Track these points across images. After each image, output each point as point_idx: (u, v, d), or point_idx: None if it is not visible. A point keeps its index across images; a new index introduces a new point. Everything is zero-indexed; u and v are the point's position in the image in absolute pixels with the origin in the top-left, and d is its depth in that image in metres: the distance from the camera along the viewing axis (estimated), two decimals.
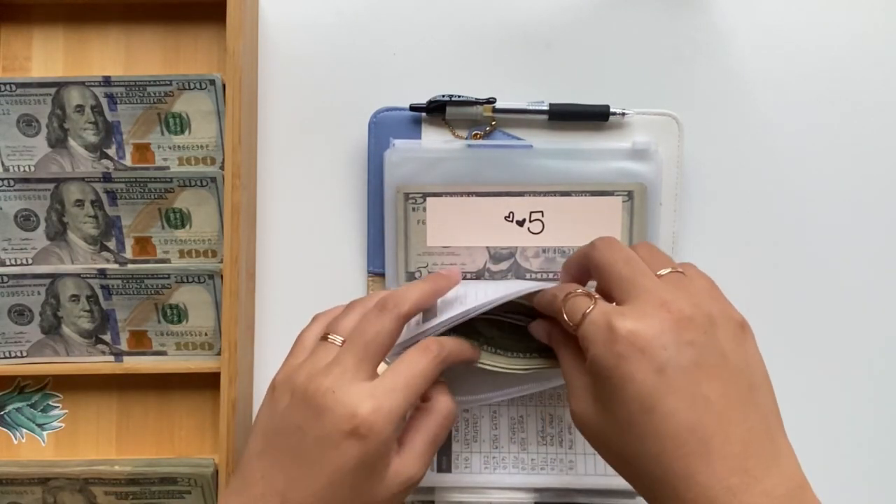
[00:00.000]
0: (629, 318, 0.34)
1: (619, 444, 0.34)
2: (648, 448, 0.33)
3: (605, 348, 0.34)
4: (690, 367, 0.33)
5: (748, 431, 0.32)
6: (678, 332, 0.33)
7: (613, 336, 0.34)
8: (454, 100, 0.50)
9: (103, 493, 0.49)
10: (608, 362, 0.34)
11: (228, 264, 0.48)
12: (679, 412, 0.32)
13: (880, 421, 0.52)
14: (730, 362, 0.34)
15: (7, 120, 0.50)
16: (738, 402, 0.33)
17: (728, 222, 0.52)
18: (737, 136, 0.52)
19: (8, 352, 0.50)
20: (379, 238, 0.51)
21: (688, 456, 0.32)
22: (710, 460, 0.31)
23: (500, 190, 0.49)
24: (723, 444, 0.32)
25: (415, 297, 0.41)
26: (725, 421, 0.32)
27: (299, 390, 0.38)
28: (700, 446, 0.32)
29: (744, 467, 0.31)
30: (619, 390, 0.33)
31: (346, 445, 0.36)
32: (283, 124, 0.53)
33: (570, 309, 0.37)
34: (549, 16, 0.53)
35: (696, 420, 0.32)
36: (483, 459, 0.50)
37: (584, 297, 0.37)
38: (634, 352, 0.33)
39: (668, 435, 0.32)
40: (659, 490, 0.33)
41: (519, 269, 0.50)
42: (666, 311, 0.34)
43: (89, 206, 0.50)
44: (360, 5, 0.53)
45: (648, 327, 0.33)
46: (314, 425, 0.37)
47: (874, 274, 0.52)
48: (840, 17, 0.53)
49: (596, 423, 0.35)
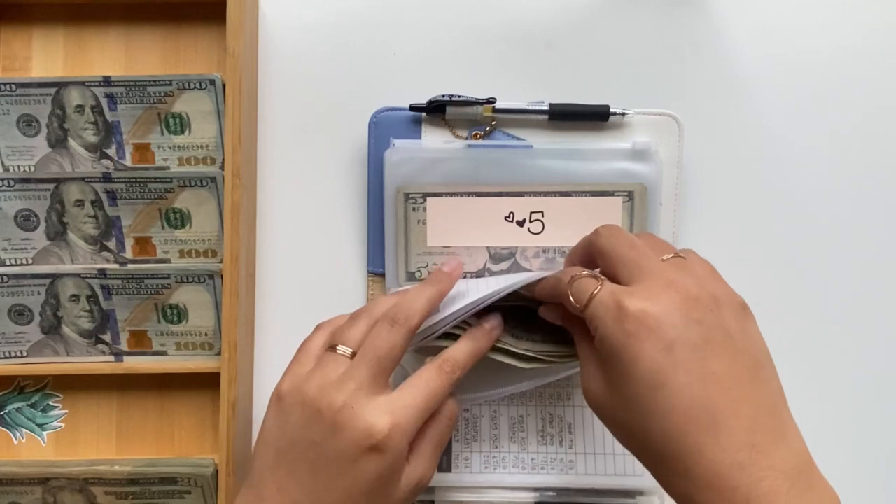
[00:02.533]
0: (637, 297, 0.34)
1: (628, 420, 0.35)
2: (657, 424, 0.33)
3: (615, 326, 0.34)
4: (699, 344, 0.33)
5: (756, 407, 0.33)
6: (686, 311, 0.34)
7: (623, 314, 0.34)
8: (454, 100, 0.50)
9: (103, 493, 0.49)
10: (618, 341, 0.34)
11: (228, 264, 0.48)
12: (688, 388, 0.32)
13: (882, 420, 0.52)
14: (736, 341, 0.34)
15: (7, 120, 0.50)
16: (746, 379, 0.33)
17: (728, 222, 0.52)
18: (737, 136, 0.52)
19: (8, 352, 0.50)
20: (379, 238, 0.51)
21: (696, 431, 0.32)
22: (719, 435, 0.32)
23: (500, 190, 0.49)
24: (731, 419, 0.32)
25: (423, 307, 0.41)
26: (733, 397, 0.33)
27: (311, 404, 0.38)
28: (709, 421, 0.32)
29: (751, 442, 0.32)
30: (629, 368, 0.34)
31: (364, 461, 0.37)
32: (283, 124, 0.53)
33: (576, 291, 0.38)
34: (549, 16, 0.53)
35: (705, 396, 0.32)
36: (483, 459, 0.50)
37: (591, 279, 0.37)
38: (644, 330, 0.33)
39: (677, 411, 0.32)
40: (667, 465, 0.33)
41: (519, 270, 0.50)
42: (674, 290, 0.34)
43: (89, 206, 0.50)
44: (360, 5, 0.53)
45: (657, 305, 0.34)
46: (332, 441, 0.37)
47: (874, 273, 0.52)
48: (840, 17, 0.53)
49: (606, 400, 0.36)
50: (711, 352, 0.33)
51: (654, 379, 0.33)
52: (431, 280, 0.43)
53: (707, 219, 0.52)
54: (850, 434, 0.52)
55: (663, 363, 0.33)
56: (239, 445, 0.48)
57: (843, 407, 0.52)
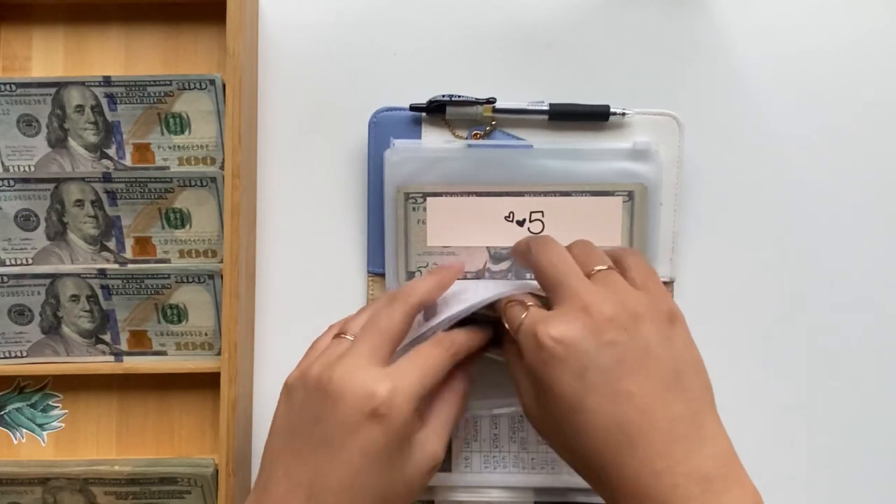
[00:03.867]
0: (551, 325, 0.36)
1: (560, 438, 0.37)
2: (582, 443, 0.35)
3: (534, 355, 0.36)
4: (611, 365, 0.35)
5: (672, 419, 0.34)
6: (598, 334, 0.35)
7: (539, 344, 0.36)
8: (454, 100, 0.50)
9: (103, 493, 0.49)
10: (537, 369, 0.36)
11: (228, 264, 0.48)
12: (602, 409, 0.34)
13: (882, 419, 0.52)
14: (653, 354, 0.36)
15: (7, 120, 0.50)
16: (661, 392, 0.35)
17: (728, 222, 0.52)
18: (737, 136, 0.52)
19: (8, 352, 0.50)
20: (379, 238, 0.51)
21: (614, 449, 0.34)
22: (636, 450, 0.34)
23: (500, 190, 0.49)
24: (647, 433, 0.34)
25: (423, 288, 0.42)
26: (648, 411, 0.34)
27: (313, 383, 0.38)
28: (624, 439, 0.34)
29: (668, 452, 0.34)
30: (549, 393, 0.36)
31: (367, 428, 0.36)
32: (283, 124, 0.53)
33: (508, 317, 0.40)
34: (549, 16, 0.53)
35: (620, 415, 0.34)
36: (483, 459, 0.50)
37: (519, 306, 0.39)
38: (556, 359, 0.35)
39: (596, 431, 0.35)
40: (593, 476, 0.36)
41: (519, 270, 0.50)
42: (587, 314, 0.36)
43: (89, 206, 0.50)
44: (360, 5, 0.53)
45: (569, 332, 0.35)
46: (333, 412, 0.37)
47: (875, 272, 0.52)
48: (840, 17, 0.53)
49: (539, 418, 0.38)
50: (625, 370, 0.35)
51: (571, 403, 0.35)
52: (434, 271, 0.45)
53: (707, 219, 0.52)
54: (850, 433, 0.52)
55: (577, 388, 0.35)
56: (239, 445, 0.48)
57: (843, 406, 0.52)
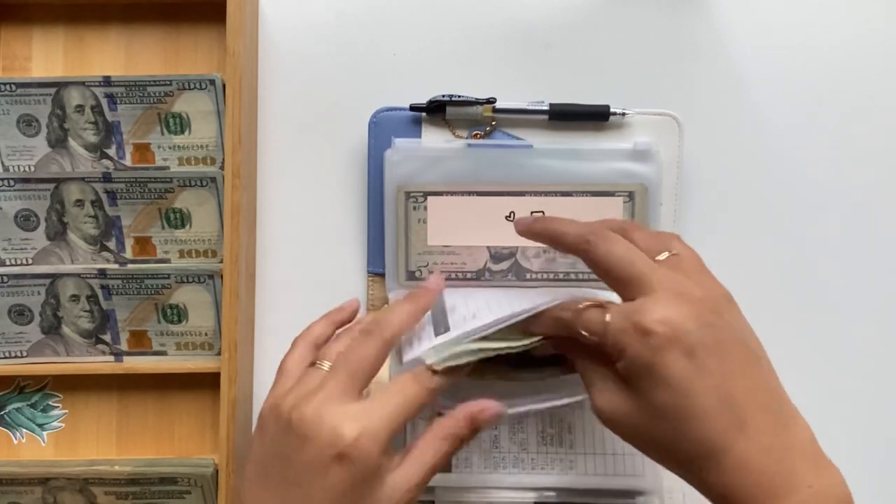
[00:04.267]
0: (651, 311, 0.35)
1: (656, 431, 0.36)
2: (691, 429, 0.34)
3: (641, 345, 0.35)
4: (714, 345, 0.35)
5: (767, 394, 0.35)
6: (697, 316, 0.35)
7: (644, 331, 0.35)
8: (454, 100, 0.50)
9: (103, 493, 0.49)
10: (646, 358, 0.35)
11: (228, 264, 0.48)
12: (715, 390, 0.34)
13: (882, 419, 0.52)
14: (738, 334, 0.36)
15: (7, 120, 0.50)
16: (753, 370, 0.36)
17: (728, 222, 0.52)
18: (737, 136, 0.52)
19: (8, 352, 0.50)
20: (379, 238, 0.51)
21: (726, 428, 0.34)
22: (746, 428, 0.34)
23: (500, 189, 0.49)
24: (751, 410, 0.34)
25: (399, 320, 0.41)
26: (749, 390, 0.35)
27: (283, 418, 0.38)
28: (736, 418, 0.34)
29: (771, 428, 0.34)
30: (658, 380, 0.35)
31: (333, 471, 0.36)
32: (283, 124, 0.53)
33: (587, 323, 0.38)
34: (549, 16, 0.53)
35: (729, 395, 0.34)
36: (483, 459, 0.50)
37: (595, 308, 0.38)
38: (667, 341, 0.35)
39: (706, 414, 0.34)
40: (699, 464, 0.35)
41: (519, 270, 0.50)
42: (682, 297, 0.36)
43: (89, 206, 0.50)
44: (360, 5, 0.53)
45: (674, 315, 0.35)
46: (301, 452, 0.37)
47: (875, 272, 0.52)
48: (840, 17, 0.53)
49: (628, 416, 0.37)
50: (725, 351, 0.35)
51: (682, 388, 0.34)
52: (411, 297, 0.43)
53: (707, 219, 0.52)
54: (850, 431, 0.52)
55: (689, 370, 0.34)
56: (239, 445, 0.48)
57: (842, 405, 0.52)
